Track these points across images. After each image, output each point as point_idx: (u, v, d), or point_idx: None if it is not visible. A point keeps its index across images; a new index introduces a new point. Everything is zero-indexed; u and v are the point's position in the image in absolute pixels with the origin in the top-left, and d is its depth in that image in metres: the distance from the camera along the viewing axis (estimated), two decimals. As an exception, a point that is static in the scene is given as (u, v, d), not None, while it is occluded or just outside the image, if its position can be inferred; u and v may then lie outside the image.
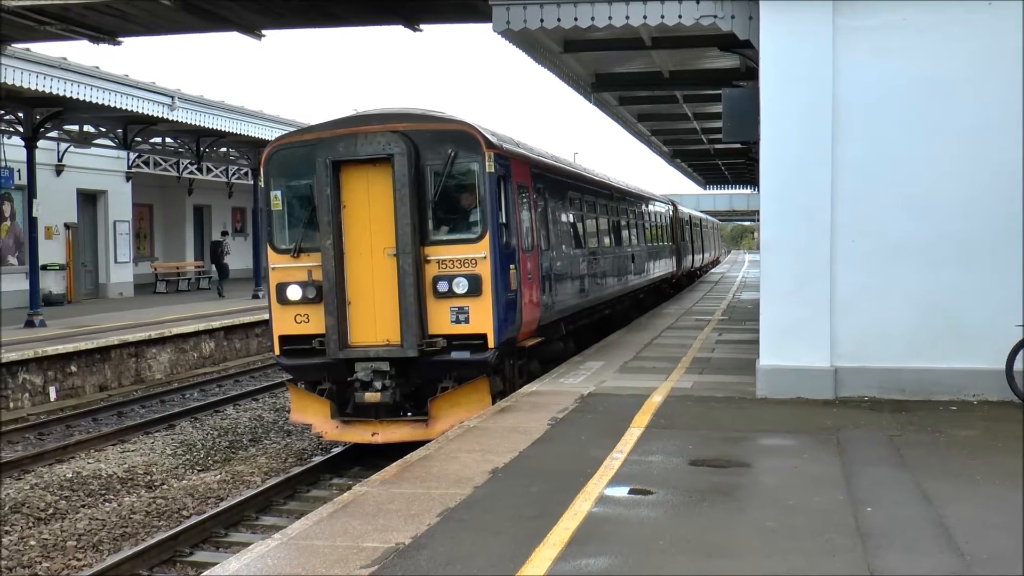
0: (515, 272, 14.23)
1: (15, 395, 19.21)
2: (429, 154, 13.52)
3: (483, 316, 13.38)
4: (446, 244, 13.57)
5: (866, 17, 12.38)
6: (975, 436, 10.30)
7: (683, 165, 48.67)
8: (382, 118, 13.92)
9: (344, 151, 13.38)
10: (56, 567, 10.66)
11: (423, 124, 13.80)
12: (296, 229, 14.01)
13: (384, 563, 6.60)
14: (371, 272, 13.54)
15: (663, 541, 6.98)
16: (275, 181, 14.20)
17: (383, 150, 13.26)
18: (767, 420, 11.26)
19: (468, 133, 13.68)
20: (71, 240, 34.27)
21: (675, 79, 22.22)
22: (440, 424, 13.06)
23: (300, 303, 13.76)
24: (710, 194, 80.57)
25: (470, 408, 13.04)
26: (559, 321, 17.40)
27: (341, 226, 13.50)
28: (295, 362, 14.06)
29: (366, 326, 13.59)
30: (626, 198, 26.93)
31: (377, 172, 13.42)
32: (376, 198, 13.47)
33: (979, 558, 6.56)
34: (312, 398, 14.03)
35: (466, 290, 13.33)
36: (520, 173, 15.17)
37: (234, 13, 18.17)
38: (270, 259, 14.19)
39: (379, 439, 13.57)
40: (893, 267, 12.43)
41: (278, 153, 14.24)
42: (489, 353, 13.41)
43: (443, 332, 13.39)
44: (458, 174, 13.66)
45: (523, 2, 13.07)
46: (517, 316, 14.32)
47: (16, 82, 20.74)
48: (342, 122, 14.05)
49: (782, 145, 12.58)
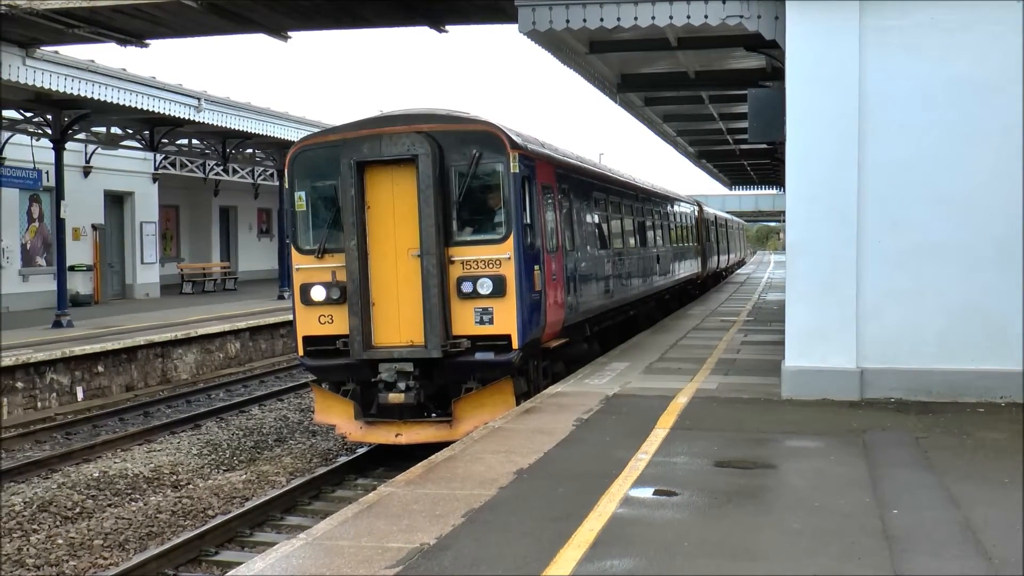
0: (539, 273, 14.13)
1: (43, 395, 19.35)
2: (454, 155, 13.44)
3: (507, 317, 13.29)
4: (470, 245, 13.48)
5: (894, 17, 12.30)
6: (1003, 439, 10.21)
7: (708, 166, 48.54)
8: (407, 119, 13.84)
9: (368, 152, 13.32)
10: (83, 566, 10.73)
11: (448, 125, 13.72)
12: (320, 230, 13.97)
13: (409, 563, 6.61)
14: (395, 273, 13.47)
15: (688, 543, 6.96)
16: (299, 182, 14.15)
17: (408, 151, 13.19)
18: (792, 421, 11.21)
19: (493, 134, 13.59)
20: (98, 241, 34.52)
21: (701, 80, 22.18)
22: (464, 425, 13.00)
23: (324, 304, 13.71)
24: (736, 195, 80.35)
25: (494, 409, 12.97)
26: (584, 322, 17.26)
27: (365, 227, 13.43)
28: (319, 363, 14.02)
29: (390, 327, 13.52)
30: (651, 199, 26.71)
31: (401, 173, 13.36)
32: (400, 199, 13.40)
33: (1007, 561, 6.51)
34: (336, 399, 14.00)
35: (490, 291, 13.25)
36: (545, 174, 15.07)
37: (261, 15, 18.25)
38: (294, 260, 14.15)
39: (403, 440, 13.53)
40: (925, 268, 12.31)
41: (303, 154, 14.18)
42: (513, 354, 13.31)
43: (467, 333, 13.33)
44: (483, 175, 13.56)
45: (549, 3, 13.06)
46: (541, 317, 14.23)
47: (45, 84, 20.92)
48: (367, 123, 13.96)
49: (808, 145, 12.51)
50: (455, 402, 13.40)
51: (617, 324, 21.17)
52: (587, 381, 14.30)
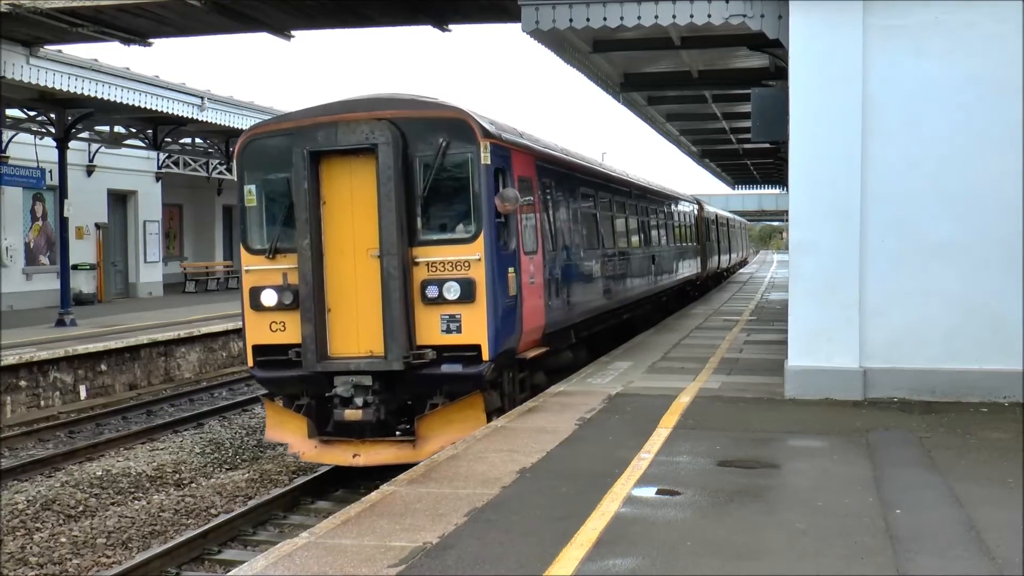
0: (514, 276, 13.00)
1: (46, 393, 19.37)
2: (419, 144, 12.27)
3: (477, 325, 12.15)
4: (436, 245, 12.33)
5: (898, 16, 12.28)
6: (1006, 439, 10.19)
7: (712, 165, 48.53)
8: (367, 104, 12.71)
9: (323, 141, 12.18)
10: (86, 564, 10.74)
11: (412, 111, 12.55)
12: (272, 228, 12.80)
13: (411, 563, 6.60)
14: (353, 275, 12.35)
15: (691, 542, 6.95)
16: (250, 175, 12.95)
17: (366, 140, 12.06)
18: (796, 421, 11.20)
19: (461, 120, 12.42)
20: (102, 240, 34.56)
21: (704, 79, 22.18)
22: (429, 445, 11.92)
23: (275, 309, 12.58)
24: (739, 194, 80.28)
25: (463, 427, 11.87)
26: (568, 329, 16.22)
27: (320, 224, 12.32)
28: (270, 374, 12.87)
29: (347, 335, 12.39)
30: (646, 196, 25.54)
31: (360, 164, 12.25)
32: (359, 193, 12.27)
33: (1011, 561, 6.49)
34: (288, 414, 12.87)
35: (458, 296, 12.11)
36: (522, 166, 13.86)
37: (265, 14, 18.25)
38: (243, 260, 12.94)
39: (361, 462, 12.40)
40: (929, 268, 12.29)
41: (253, 144, 13.00)
42: (484, 366, 12.16)
43: (433, 343, 12.19)
44: (450, 166, 12.38)
45: (552, 2, 13.05)
46: (517, 324, 13.12)
47: (48, 83, 20.96)
48: (323, 109, 12.84)
49: (812, 145, 12.49)
50: (419, 419, 12.27)
51: (609, 329, 20.27)
52: (590, 380, 14.28)
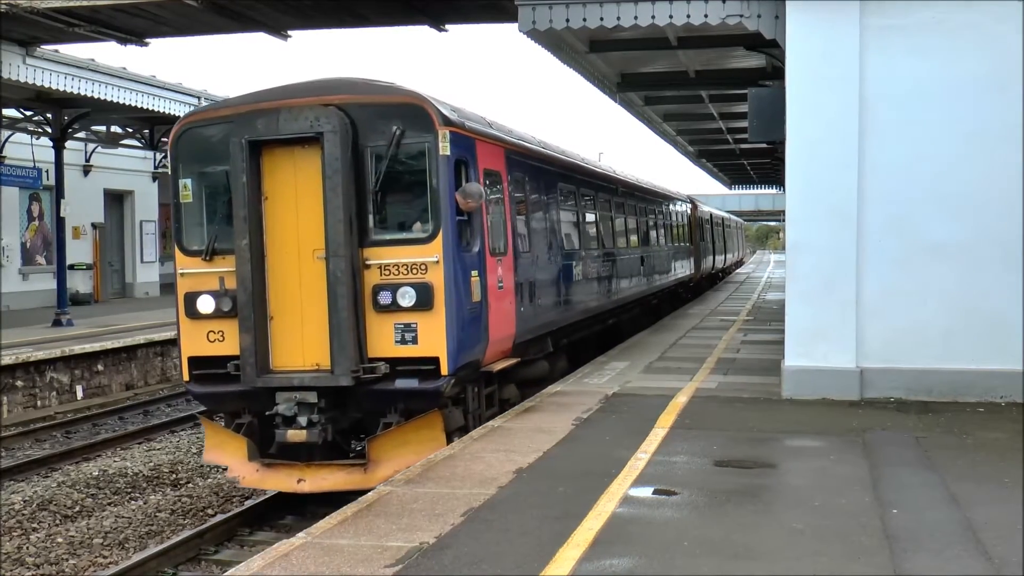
0: (479, 280, 11.76)
1: (43, 393, 19.35)
2: (370, 133, 11.12)
3: (435, 335, 10.94)
4: (390, 245, 11.12)
5: (895, 16, 12.29)
6: (1003, 438, 10.20)
7: (709, 165, 48.56)
8: (313, 89, 11.60)
9: (263, 129, 11.03)
10: (83, 564, 10.73)
11: (362, 96, 11.41)
12: (210, 226, 11.68)
13: (408, 562, 6.61)
14: (298, 279, 11.19)
15: (688, 542, 6.95)
16: (185, 167, 11.85)
17: (311, 127, 10.92)
18: (792, 421, 11.20)
19: (417, 106, 11.23)
20: (98, 240, 34.53)
21: (701, 79, 22.18)
22: (382, 469, 10.75)
23: (213, 317, 11.37)
24: (736, 194, 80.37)
25: (420, 448, 10.69)
26: (545, 336, 14.89)
27: (262, 222, 11.20)
28: (207, 389, 11.67)
29: (291, 346, 11.21)
30: (634, 193, 24.17)
31: (306, 156, 11.12)
32: (305, 188, 11.14)
33: (1007, 561, 6.50)
34: (227, 434, 11.65)
35: (414, 302, 10.88)
36: (490, 158, 12.63)
37: (262, 14, 18.25)
38: (178, 263, 11.76)
39: (306, 488, 11.22)
40: (926, 268, 12.31)
41: (189, 132, 11.84)
42: (443, 381, 10.94)
43: (386, 355, 10.98)
44: (406, 157, 11.22)
45: (549, 2, 13.06)
46: (482, 334, 11.89)
47: (45, 83, 20.94)
48: (265, 94, 11.74)
49: (808, 145, 12.51)
50: (370, 441, 11.06)
51: (592, 336, 19.21)
52: (587, 380, 14.28)
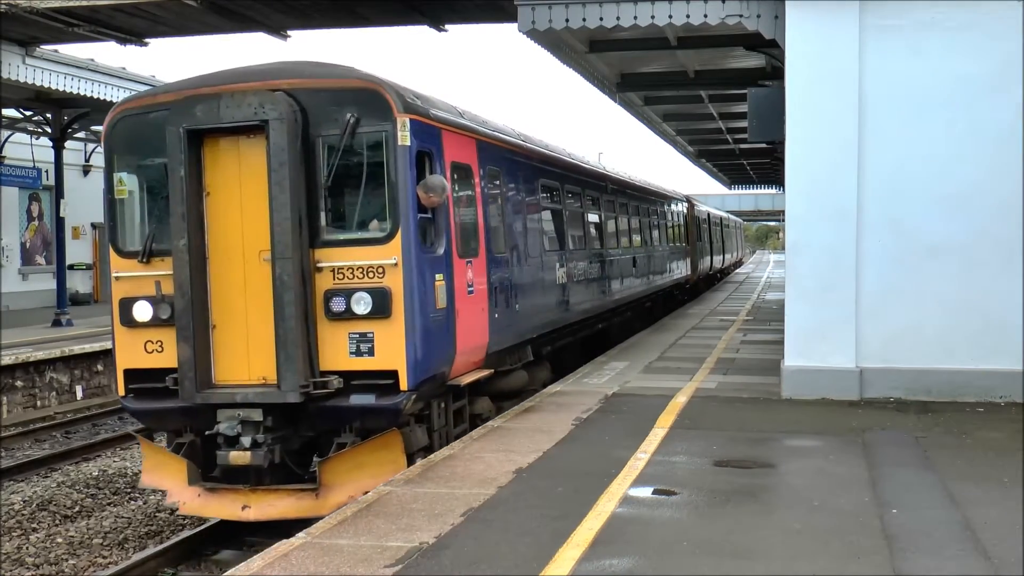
0: (444, 284, 10.73)
1: (42, 393, 19.35)
2: (323, 121, 10.08)
3: (393, 346, 9.92)
4: (344, 246, 10.10)
5: (894, 16, 12.30)
6: (1002, 438, 10.21)
7: (708, 165, 48.58)
8: (260, 73, 10.51)
9: (203, 116, 9.99)
10: (82, 564, 10.74)
11: (313, 80, 10.32)
12: (148, 225, 10.65)
13: (408, 562, 6.61)
14: (243, 284, 10.18)
15: (687, 542, 6.95)
16: (120, 159, 10.78)
17: (255, 115, 9.86)
18: (792, 421, 11.21)
19: (373, 91, 10.16)
20: (98, 240, 34.49)
21: (700, 79, 22.20)
22: (335, 495, 9.86)
23: (151, 325, 10.32)
24: (735, 194, 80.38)
25: (378, 471, 9.75)
26: (524, 345, 13.87)
27: (203, 220, 10.17)
28: (145, 406, 10.59)
29: (236, 358, 10.19)
30: (626, 191, 23.09)
31: (251, 147, 10.11)
32: (250, 182, 10.10)
33: (1006, 561, 6.50)
34: (167, 455, 10.56)
35: (370, 309, 9.87)
36: (459, 150, 11.59)
37: (261, 14, 18.27)
38: (113, 265, 10.74)
39: (251, 515, 10.13)
40: (925, 268, 12.33)
41: (124, 121, 10.71)
42: (402, 397, 9.91)
43: (339, 368, 9.98)
44: (361, 148, 10.17)
45: (548, 2, 13.06)
46: (449, 344, 10.87)
47: (44, 83, 20.96)
48: (208, 78, 10.65)
49: (808, 145, 12.51)
50: (322, 464, 10.02)
51: (578, 342, 18.18)
52: (586, 380, 14.29)
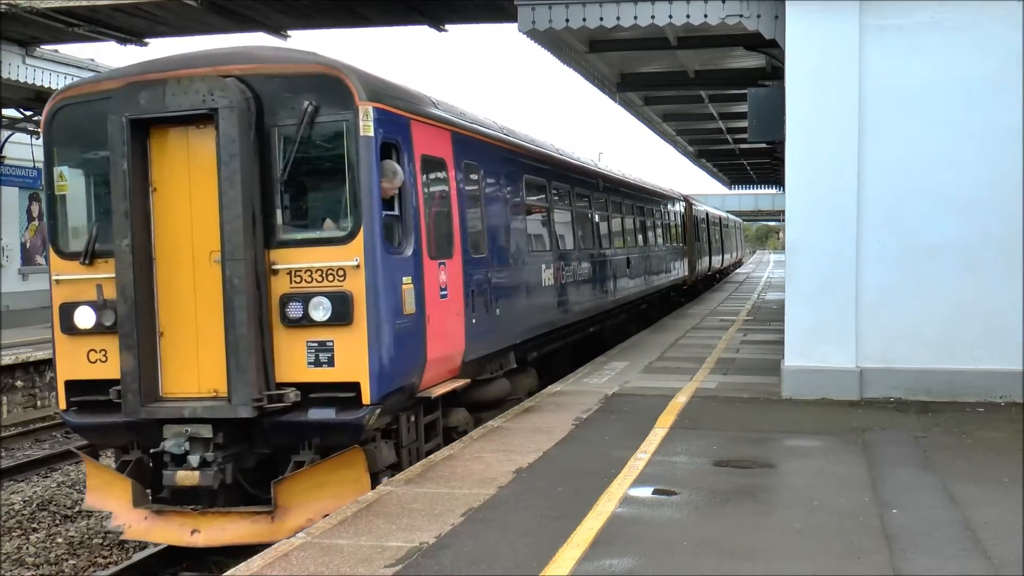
0: (412, 288, 9.93)
1: (42, 393, 19.36)
2: (279, 110, 9.29)
3: (355, 355, 9.16)
4: (302, 246, 9.31)
5: (894, 16, 12.30)
6: (1002, 438, 10.21)
7: (708, 165, 48.56)
8: (210, 58, 9.69)
9: (147, 105, 9.17)
10: (82, 564, 10.74)
11: (268, 65, 9.51)
12: (90, 224, 9.83)
13: (408, 562, 6.61)
14: (193, 288, 9.41)
15: (687, 542, 6.95)
16: (61, 152, 10.01)
17: (203, 103, 9.05)
18: (792, 421, 11.21)
19: (333, 77, 9.36)
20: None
21: (700, 79, 22.20)
22: (293, 517, 9.09)
23: (94, 333, 9.56)
24: (735, 194, 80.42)
25: (339, 492, 9.04)
26: (507, 351, 13.23)
27: (150, 218, 9.40)
28: (88, 420, 9.77)
29: (185, 369, 9.42)
30: (619, 190, 22.36)
31: (201, 138, 9.32)
32: (200, 177, 9.32)
33: (1006, 561, 6.50)
34: (111, 475, 9.77)
35: (329, 316, 9.12)
36: (431, 143, 10.76)
37: (261, 14, 18.29)
38: (53, 267, 9.88)
39: (200, 541, 9.29)
40: (925, 268, 12.32)
41: (65, 111, 9.93)
42: (364, 411, 9.15)
43: (297, 379, 9.22)
44: (320, 139, 9.40)
45: (548, 2, 13.06)
46: (418, 352, 10.08)
47: (45, 83, 20.99)
48: (155, 64, 9.80)
49: (808, 145, 12.51)
50: (277, 484, 9.20)
51: (568, 346, 17.60)
52: (586, 380, 14.29)
